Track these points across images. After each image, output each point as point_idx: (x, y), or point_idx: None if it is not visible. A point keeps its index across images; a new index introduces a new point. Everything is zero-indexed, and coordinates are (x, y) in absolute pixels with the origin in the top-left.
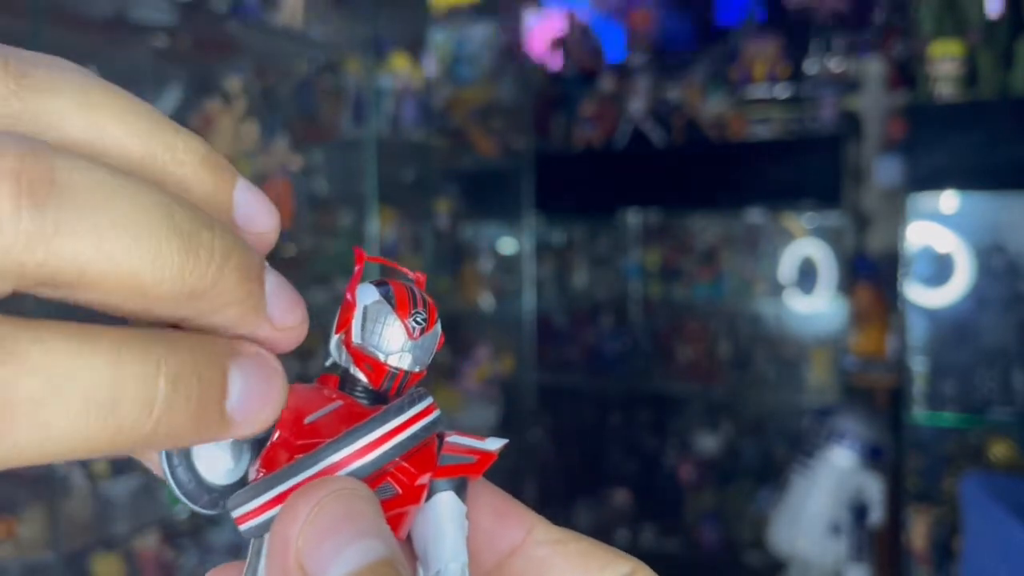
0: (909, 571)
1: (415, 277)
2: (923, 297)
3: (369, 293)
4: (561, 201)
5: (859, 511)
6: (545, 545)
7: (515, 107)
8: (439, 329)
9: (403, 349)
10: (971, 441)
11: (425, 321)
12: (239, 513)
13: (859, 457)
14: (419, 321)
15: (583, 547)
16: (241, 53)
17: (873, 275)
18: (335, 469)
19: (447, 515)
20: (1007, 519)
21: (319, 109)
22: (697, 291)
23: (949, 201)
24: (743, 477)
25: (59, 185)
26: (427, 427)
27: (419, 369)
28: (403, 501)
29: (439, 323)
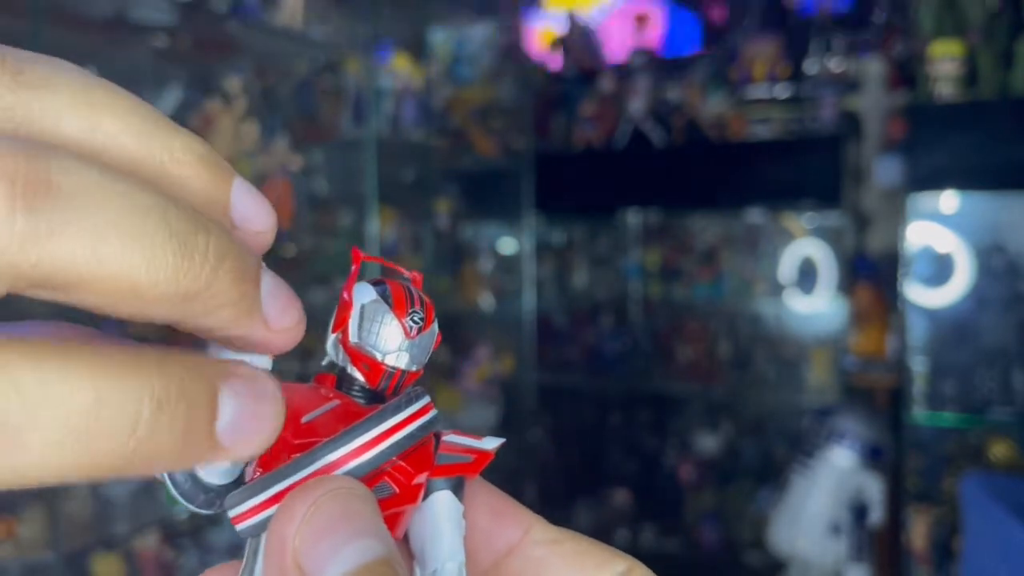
0: (909, 571)
1: (412, 276)
2: (923, 297)
3: (366, 292)
4: (561, 201)
5: (859, 511)
6: (542, 545)
7: (515, 107)
8: (436, 328)
9: (400, 348)
10: (971, 441)
11: (422, 320)
12: (236, 512)
13: (859, 457)
14: (416, 320)
15: (580, 546)
16: (241, 53)
17: (873, 275)
18: (332, 468)
19: (444, 514)
20: (1007, 519)
21: (319, 109)
22: (697, 291)
23: (949, 201)
24: (743, 477)
25: (55, 187)
26: (424, 426)
27: (416, 368)
28: (400, 500)
29: (436, 322)
